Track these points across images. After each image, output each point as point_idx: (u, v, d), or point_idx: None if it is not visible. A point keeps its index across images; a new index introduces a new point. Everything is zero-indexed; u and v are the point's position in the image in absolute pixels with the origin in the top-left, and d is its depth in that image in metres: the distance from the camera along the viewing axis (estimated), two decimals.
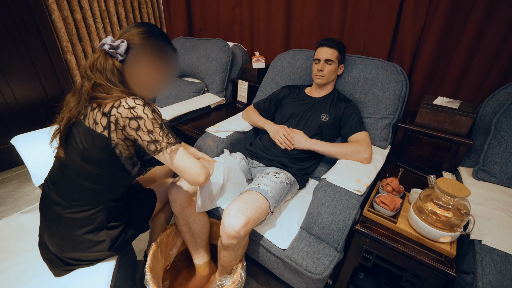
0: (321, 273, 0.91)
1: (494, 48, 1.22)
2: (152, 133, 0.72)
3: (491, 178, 1.09)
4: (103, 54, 0.72)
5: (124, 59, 0.73)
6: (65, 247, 0.81)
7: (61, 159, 0.77)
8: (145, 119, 0.71)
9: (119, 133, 0.71)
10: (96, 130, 0.71)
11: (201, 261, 1.10)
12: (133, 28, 0.74)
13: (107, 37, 0.72)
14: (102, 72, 0.72)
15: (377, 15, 1.45)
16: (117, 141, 0.72)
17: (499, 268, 0.76)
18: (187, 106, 1.81)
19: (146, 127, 0.71)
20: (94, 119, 0.71)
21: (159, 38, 0.76)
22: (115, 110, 0.69)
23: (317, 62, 1.30)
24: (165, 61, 0.79)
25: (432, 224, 0.84)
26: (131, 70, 0.75)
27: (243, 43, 2.19)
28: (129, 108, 0.69)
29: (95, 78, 0.71)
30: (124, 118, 0.69)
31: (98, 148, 0.73)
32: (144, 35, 0.74)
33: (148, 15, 2.50)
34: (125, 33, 0.74)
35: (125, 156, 0.75)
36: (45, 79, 2.06)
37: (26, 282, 0.80)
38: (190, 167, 0.80)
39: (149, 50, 0.75)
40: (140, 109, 0.70)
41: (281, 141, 1.27)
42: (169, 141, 0.75)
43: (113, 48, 0.71)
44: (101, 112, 0.70)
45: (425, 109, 1.24)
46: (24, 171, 2.07)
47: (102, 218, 0.82)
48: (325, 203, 1.00)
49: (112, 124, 0.70)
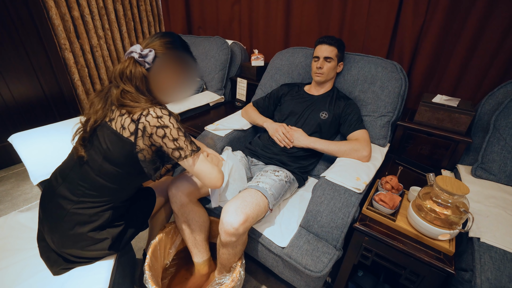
0: (320, 271, 0.91)
1: (493, 46, 1.22)
2: (177, 141, 0.78)
3: (490, 176, 1.10)
4: (132, 62, 0.76)
5: (150, 67, 0.77)
6: (66, 243, 0.82)
7: (82, 157, 0.80)
8: (171, 128, 0.76)
9: (146, 140, 0.76)
10: (122, 134, 0.76)
11: (200, 259, 1.10)
12: (159, 38, 0.78)
13: (136, 45, 0.76)
14: (132, 80, 0.76)
15: (377, 13, 1.44)
16: (143, 147, 0.77)
17: (497, 265, 0.76)
18: (186, 104, 1.80)
19: (172, 135, 0.77)
20: (122, 124, 0.75)
21: (181, 49, 0.82)
22: (144, 119, 0.74)
23: (316, 60, 1.30)
24: (186, 70, 0.84)
25: (431, 222, 0.84)
26: (155, 77, 0.79)
27: (242, 41, 2.18)
28: (157, 117, 0.74)
29: (124, 86, 0.76)
30: (152, 127, 0.74)
31: (121, 151, 0.77)
32: (169, 45, 0.78)
33: (147, 13, 2.49)
34: (151, 42, 0.78)
35: (148, 161, 0.80)
36: (43, 77, 2.04)
37: (25, 281, 0.80)
38: (209, 172, 0.86)
39: (172, 60, 0.80)
40: (167, 118, 0.76)
41: (280, 139, 1.27)
42: (193, 148, 0.82)
43: (142, 57, 0.75)
44: (130, 118, 0.75)
45: (424, 107, 1.24)
46: (22, 170, 2.06)
47: (107, 216, 0.84)
48: (324, 201, 1.00)
49: (140, 131, 0.74)
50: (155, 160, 0.83)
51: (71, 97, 2.20)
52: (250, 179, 1.29)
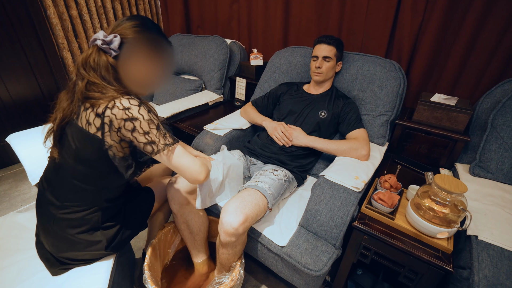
0: (320, 270, 0.91)
1: (491, 45, 1.22)
2: (148, 134, 0.70)
3: (488, 174, 1.10)
4: (96, 50, 0.69)
5: (118, 54, 0.70)
6: (61, 247, 0.81)
7: (55, 159, 0.76)
8: (141, 120, 0.69)
9: (114, 135, 0.69)
10: (89, 131, 0.69)
11: (199, 259, 1.10)
12: (126, 22, 0.71)
13: (99, 32, 0.68)
14: (96, 70, 0.69)
15: (375, 12, 1.45)
16: (111, 143, 0.70)
17: (495, 263, 0.76)
18: (184, 104, 1.80)
19: (142, 128, 0.69)
20: (87, 119, 0.69)
21: (153, 31, 0.73)
22: (109, 111, 0.66)
23: (315, 59, 1.30)
24: (160, 55, 0.76)
25: (430, 220, 0.84)
26: (125, 66, 0.72)
27: (241, 40, 2.18)
28: (124, 109, 0.67)
29: (88, 76, 0.68)
30: (119, 120, 0.67)
31: (90, 149, 0.71)
32: (137, 28, 0.70)
33: (145, 12, 2.48)
34: (117, 27, 0.70)
35: (119, 158, 0.73)
36: (41, 77, 2.03)
37: (24, 281, 0.80)
38: (189, 166, 0.79)
39: (143, 44, 0.71)
40: (136, 109, 0.68)
41: (279, 138, 1.27)
42: (166, 142, 0.74)
43: (106, 44, 0.67)
44: (94, 112, 0.68)
45: (422, 106, 1.25)
46: (20, 170, 2.05)
47: (97, 219, 0.81)
48: (323, 200, 1.00)
49: (106, 125, 0.67)
50: (126, 157, 0.75)
51: None
52: (249, 178, 1.29)
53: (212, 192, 1.08)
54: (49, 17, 1.87)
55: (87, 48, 2.08)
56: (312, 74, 1.33)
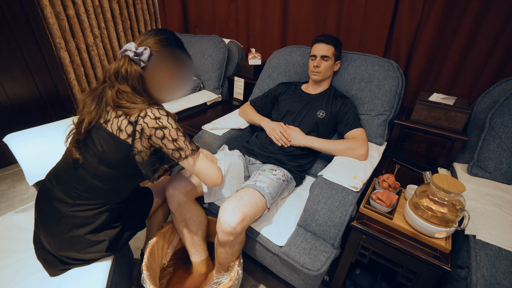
0: (318, 270, 0.91)
1: (489, 45, 1.22)
2: (176, 141, 0.77)
3: (486, 173, 1.11)
4: (128, 61, 0.73)
5: (145, 65, 0.76)
6: (63, 245, 0.81)
7: (77, 160, 0.78)
8: (170, 128, 0.75)
9: (144, 142, 0.75)
10: (119, 136, 0.74)
11: (198, 258, 1.10)
12: (153, 36, 0.77)
13: (130, 43, 0.74)
14: (128, 80, 0.74)
15: (373, 11, 1.44)
16: (141, 149, 0.75)
17: (493, 262, 0.77)
18: (183, 104, 1.79)
19: (171, 136, 0.75)
20: (119, 126, 0.74)
21: (175, 47, 0.80)
22: (142, 120, 0.72)
23: (313, 59, 1.29)
24: (182, 67, 0.83)
25: (428, 219, 0.84)
26: (151, 76, 0.78)
27: (239, 40, 2.18)
28: (155, 119, 0.73)
29: (119, 86, 0.74)
30: (150, 128, 0.73)
31: (118, 153, 0.76)
32: (163, 42, 0.77)
33: (143, 11, 2.47)
34: (145, 40, 0.76)
35: (147, 163, 0.78)
36: (38, 77, 2.02)
37: (21, 282, 0.79)
38: (209, 170, 0.86)
39: (167, 57, 0.78)
40: (165, 119, 0.74)
41: (277, 138, 1.27)
42: (193, 148, 0.81)
43: (137, 55, 0.73)
44: (127, 120, 0.73)
45: (420, 106, 1.25)
46: (18, 170, 2.04)
47: (104, 218, 0.83)
48: (321, 200, 1.00)
49: (138, 133, 0.73)
50: (153, 161, 0.81)
51: (67, 96, 2.18)
52: (248, 178, 1.29)
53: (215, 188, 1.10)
54: (46, 17, 1.86)
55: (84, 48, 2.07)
56: (310, 73, 1.33)
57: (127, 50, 0.73)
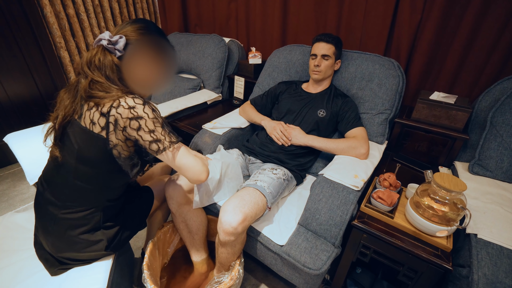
0: (319, 269, 0.91)
1: (490, 43, 1.22)
2: (153, 133, 0.71)
3: (487, 172, 1.10)
4: (101, 50, 0.70)
5: (122, 55, 0.71)
6: (61, 247, 0.80)
7: (57, 158, 0.75)
8: (146, 118, 0.69)
9: (119, 134, 0.70)
10: (93, 130, 0.69)
11: (199, 258, 1.10)
12: (130, 24, 0.73)
13: (105, 33, 0.70)
14: (101, 69, 0.70)
15: (374, 10, 1.44)
16: (116, 142, 0.70)
17: (494, 261, 0.76)
18: (183, 103, 1.79)
19: (148, 127, 0.70)
20: (91, 119, 0.69)
21: (156, 34, 0.75)
22: (115, 111, 0.67)
23: (314, 58, 1.29)
24: (163, 57, 0.77)
25: (429, 218, 0.84)
26: (128, 66, 0.73)
27: (239, 39, 2.17)
28: (129, 108, 0.68)
29: (92, 75, 0.69)
30: (125, 119, 0.68)
31: (94, 149, 0.71)
32: (141, 31, 0.73)
33: (143, 10, 2.46)
34: (122, 29, 0.72)
35: (124, 157, 0.74)
36: (38, 76, 2.02)
37: (22, 282, 0.79)
38: (192, 165, 0.79)
39: (146, 46, 0.73)
40: (141, 108, 0.69)
41: (278, 137, 1.27)
42: (171, 140, 0.75)
43: (112, 44, 0.69)
44: (99, 112, 0.68)
45: (421, 104, 1.24)
46: (18, 169, 2.04)
47: (98, 218, 0.81)
48: (322, 199, 1.00)
49: (111, 124, 0.68)
50: (132, 156, 0.76)
51: None
52: (248, 177, 1.29)
53: (209, 191, 1.07)
54: (45, 16, 1.86)
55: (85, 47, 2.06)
56: (311, 72, 1.32)
57: (102, 39, 0.69)
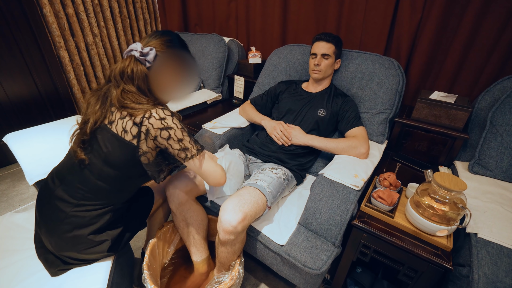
0: (319, 268, 0.91)
1: (490, 42, 1.22)
2: (182, 141, 0.77)
3: (487, 172, 1.10)
4: (133, 61, 0.73)
5: (150, 66, 0.76)
6: (64, 246, 0.80)
7: (83, 161, 0.77)
8: (175, 128, 0.75)
9: (150, 143, 0.75)
10: (124, 138, 0.74)
11: (199, 258, 1.10)
12: (158, 37, 0.77)
13: (136, 44, 0.74)
14: (133, 80, 0.74)
15: (374, 9, 1.44)
16: (146, 150, 0.76)
17: (494, 260, 0.76)
18: (183, 103, 1.78)
19: (177, 136, 0.76)
20: (124, 127, 0.74)
21: (179, 48, 0.81)
22: (147, 121, 0.72)
23: (314, 57, 1.29)
24: (186, 68, 0.83)
25: (429, 218, 0.84)
26: (156, 76, 0.78)
27: (239, 38, 2.17)
28: (160, 119, 0.73)
29: (124, 85, 0.74)
30: (156, 129, 0.73)
31: (123, 155, 0.76)
32: (168, 43, 0.78)
33: (143, 10, 2.46)
34: (150, 41, 0.77)
35: (152, 163, 0.79)
36: (38, 76, 2.02)
37: (21, 282, 0.79)
38: (214, 171, 0.87)
39: (171, 58, 0.79)
40: (170, 119, 0.75)
41: (278, 137, 1.27)
42: (198, 148, 0.81)
43: (143, 55, 0.74)
44: (132, 121, 0.73)
45: (421, 104, 1.24)
46: (18, 170, 2.03)
47: (108, 218, 0.83)
48: (322, 199, 1.00)
49: (143, 134, 0.73)
50: (159, 162, 0.82)
51: (66, 96, 2.17)
52: (248, 177, 1.29)
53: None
54: (45, 15, 1.85)
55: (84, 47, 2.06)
56: (311, 71, 1.32)
57: (133, 50, 0.73)
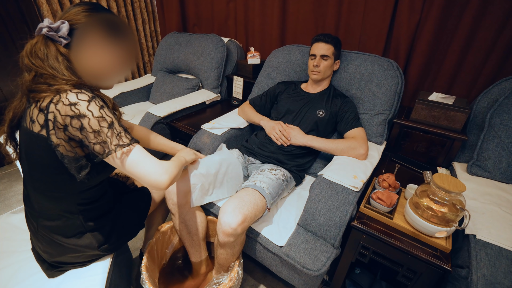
0: (318, 270, 0.91)
1: (488, 44, 1.22)
2: (98, 133, 0.61)
3: (485, 173, 1.11)
4: (42, 39, 0.62)
5: (69, 43, 0.63)
6: (52, 253, 0.79)
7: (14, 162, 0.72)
8: (89, 117, 0.60)
9: (60, 133, 0.60)
10: (33, 130, 0.61)
11: (198, 259, 1.09)
12: (74, 7, 0.64)
13: (44, 20, 0.61)
14: (44, 60, 0.61)
15: (373, 11, 1.44)
16: (58, 142, 0.61)
17: (493, 262, 0.77)
18: (181, 103, 1.78)
19: (91, 127, 0.60)
20: (31, 116, 0.61)
21: (105, 12, 0.66)
22: (53, 107, 0.58)
23: (313, 58, 1.29)
24: (118, 38, 0.68)
25: (428, 219, 0.84)
26: (78, 54, 0.64)
27: (237, 39, 2.17)
28: (70, 105, 0.58)
29: (35, 68, 0.61)
30: (64, 116, 0.59)
31: (38, 151, 0.63)
32: (86, 12, 0.64)
33: (141, 10, 2.45)
34: (65, 13, 0.64)
35: (69, 158, 0.63)
36: None
37: (18, 283, 0.78)
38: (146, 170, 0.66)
39: (96, 28, 0.64)
40: (84, 105, 0.59)
41: (277, 137, 1.26)
42: (120, 143, 0.63)
43: (53, 31, 0.60)
44: (37, 108, 0.60)
45: (420, 105, 1.25)
46: (15, 170, 2.02)
47: (79, 223, 0.75)
48: (321, 200, 0.99)
49: (50, 122, 0.59)
50: (78, 157, 0.65)
51: None
52: (247, 178, 1.28)
53: (205, 187, 1.05)
54: (42, 15, 1.84)
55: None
56: (310, 72, 1.32)
57: (41, 28, 0.61)
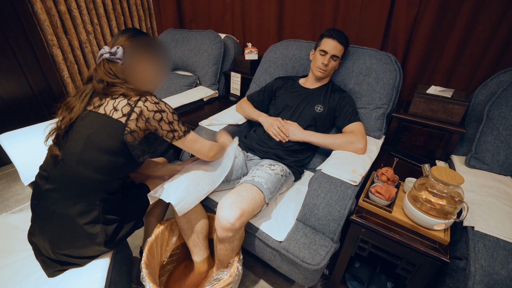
0: (318, 264, 0.91)
1: (486, 36, 1.22)
2: (172, 124, 0.85)
3: (483, 165, 1.11)
4: (106, 63, 0.80)
5: (123, 62, 0.82)
6: (59, 243, 0.80)
7: (57, 157, 0.79)
8: (168, 112, 0.84)
9: (141, 123, 0.80)
10: (112, 116, 0.78)
11: (200, 257, 1.09)
12: (121, 35, 0.84)
13: (103, 48, 0.81)
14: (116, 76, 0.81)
15: (370, 4, 1.43)
16: (134, 129, 0.79)
17: (491, 253, 0.77)
18: (179, 100, 1.77)
19: (168, 119, 0.84)
20: (115, 106, 0.78)
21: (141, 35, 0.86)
22: (142, 103, 0.79)
23: (323, 54, 1.24)
24: (155, 54, 0.88)
25: (427, 212, 0.84)
26: (130, 70, 0.83)
27: (235, 35, 2.15)
28: (155, 103, 0.81)
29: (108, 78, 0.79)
30: (150, 111, 0.80)
31: (108, 133, 0.78)
32: (131, 38, 0.83)
33: (137, 6, 2.42)
34: (116, 41, 0.83)
35: (138, 143, 0.83)
36: (31, 75, 1.98)
37: (18, 283, 0.78)
38: (201, 148, 0.97)
39: (138, 48, 0.84)
40: (163, 104, 0.84)
41: (275, 133, 1.26)
42: (185, 129, 0.90)
43: (113, 55, 0.80)
44: (126, 100, 0.79)
45: (418, 99, 1.24)
46: (13, 170, 2.01)
47: (97, 212, 0.81)
48: (320, 194, 1.00)
49: (135, 113, 0.78)
50: (143, 143, 0.85)
51: (61, 94, 2.14)
52: (246, 174, 1.28)
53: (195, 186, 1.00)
54: (36, 13, 1.82)
55: (77, 45, 2.02)
56: (316, 68, 1.27)
57: (103, 54, 0.80)
